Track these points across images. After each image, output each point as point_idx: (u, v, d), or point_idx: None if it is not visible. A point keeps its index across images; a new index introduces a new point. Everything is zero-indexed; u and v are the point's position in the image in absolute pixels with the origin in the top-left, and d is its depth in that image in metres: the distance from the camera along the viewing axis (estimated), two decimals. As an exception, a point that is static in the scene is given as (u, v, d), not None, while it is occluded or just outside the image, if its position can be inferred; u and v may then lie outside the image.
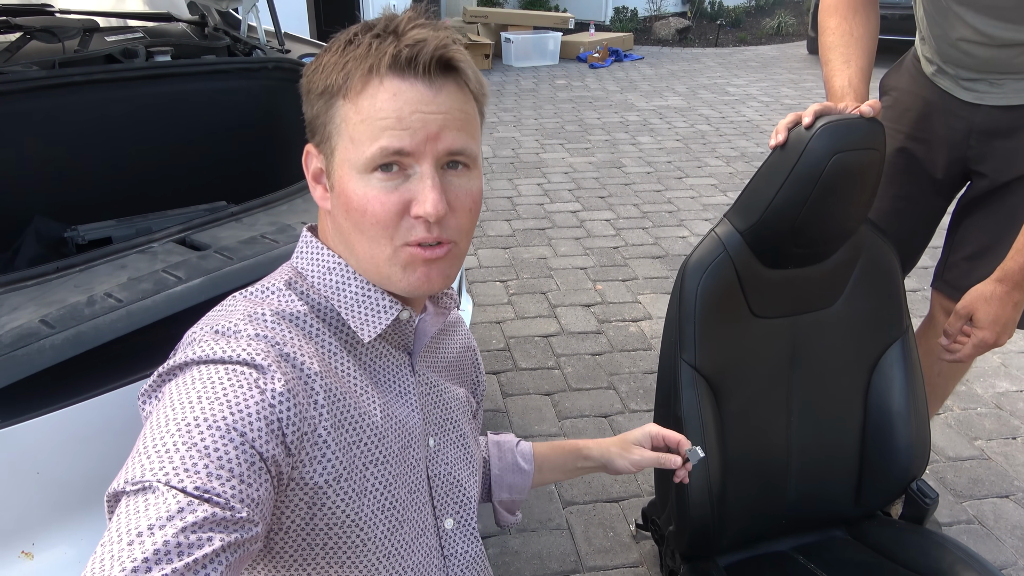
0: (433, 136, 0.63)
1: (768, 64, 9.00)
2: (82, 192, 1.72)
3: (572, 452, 1.07)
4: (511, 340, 2.82)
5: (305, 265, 0.72)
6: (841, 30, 1.36)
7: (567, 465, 1.07)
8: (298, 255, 0.74)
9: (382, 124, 0.62)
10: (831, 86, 1.34)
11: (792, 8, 12.96)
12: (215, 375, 0.58)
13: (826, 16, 1.40)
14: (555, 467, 1.08)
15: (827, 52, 1.37)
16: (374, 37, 0.64)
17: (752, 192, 1.26)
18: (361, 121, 0.63)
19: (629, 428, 2.31)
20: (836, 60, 1.35)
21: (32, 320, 0.98)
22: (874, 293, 1.37)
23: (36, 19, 1.81)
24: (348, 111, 0.64)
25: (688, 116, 6.40)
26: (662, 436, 1.04)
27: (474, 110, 0.68)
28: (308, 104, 0.68)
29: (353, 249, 0.68)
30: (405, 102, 0.62)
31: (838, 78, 1.33)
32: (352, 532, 0.66)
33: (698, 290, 1.27)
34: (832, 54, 1.36)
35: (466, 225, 0.68)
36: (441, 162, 0.65)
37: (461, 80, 0.66)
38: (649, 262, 3.53)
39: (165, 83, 1.83)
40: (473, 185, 0.68)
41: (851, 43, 1.35)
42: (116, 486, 0.51)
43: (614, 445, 1.04)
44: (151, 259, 1.17)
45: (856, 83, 1.31)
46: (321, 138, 0.67)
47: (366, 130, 0.63)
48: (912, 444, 1.37)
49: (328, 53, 0.66)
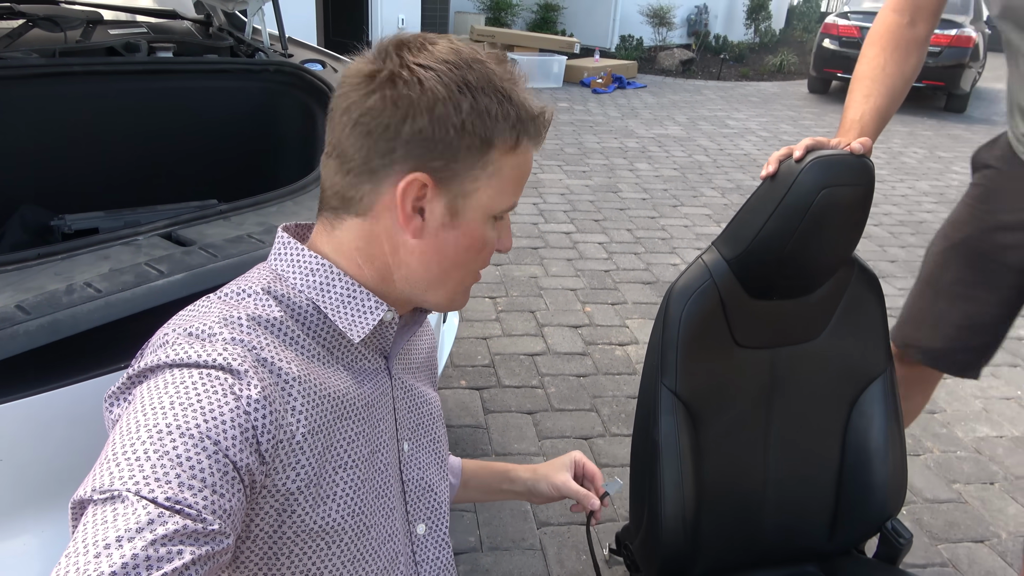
0: None
1: (769, 100, 9.10)
2: (73, 182, 1.71)
3: (500, 473, 1.08)
4: (496, 357, 2.81)
5: (284, 267, 0.70)
6: (875, 63, 1.34)
7: (492, 485, 1.08)
8: (276, 257, 0.72)
9: (523, 182, 0.71)
10: (844, 116, 1.33)
11: (796, 47, 13.15)
12: (189, 380, 0.56)
13: (867, 44, 1.38)
14: (480, 485, 1.08)
15: (854, 81, 1.36)
16: (502, 99, 0.66)
17: (741, 221, 1.26)
18: (513, 176, 0.69)
19: (610, 452, 2.31)
20: (858, 92, 1.33)
21: (8, 305, 0.97)
22: (857, 329, 1.38)
23: (40, 7, 1.81)
24: (504, 163, 0.68)
25: (687, 146, 6.45)
26: (583, 466, 1.06)
27: None
28: (437, 125, 0.64)
29: (416, 274, 0.71)
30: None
31: (853, 110, 1.32)
32: (319, 538, 0.65)
33: (682, 316, 1.27)
34: (857, 84, 1.35)
35: None
36: None
37: None
38: (639, 287, 3.53)
39: (164, 79, 1.83)
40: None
41: (879, 78, 1.33)
42: (83, 493, 0.50)
43: (541, 468, 1.06)
44: (135, 252, 1.16)
45: (867, 120, 1.30)
46: (451, 174, 0.66)
47: (513, 184, 0.70)
48: (888, 483, 1.37)
49: (456, 93, 0.64)
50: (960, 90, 8.82)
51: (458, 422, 2.40)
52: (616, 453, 2.31)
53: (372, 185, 0.66)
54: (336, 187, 0.68)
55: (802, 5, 15.42)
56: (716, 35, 12.48)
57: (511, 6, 11.11)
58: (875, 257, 4.21)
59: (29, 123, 1.63)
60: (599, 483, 1.05)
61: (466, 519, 1.99)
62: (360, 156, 0.65)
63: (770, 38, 13.69)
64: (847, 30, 9.09)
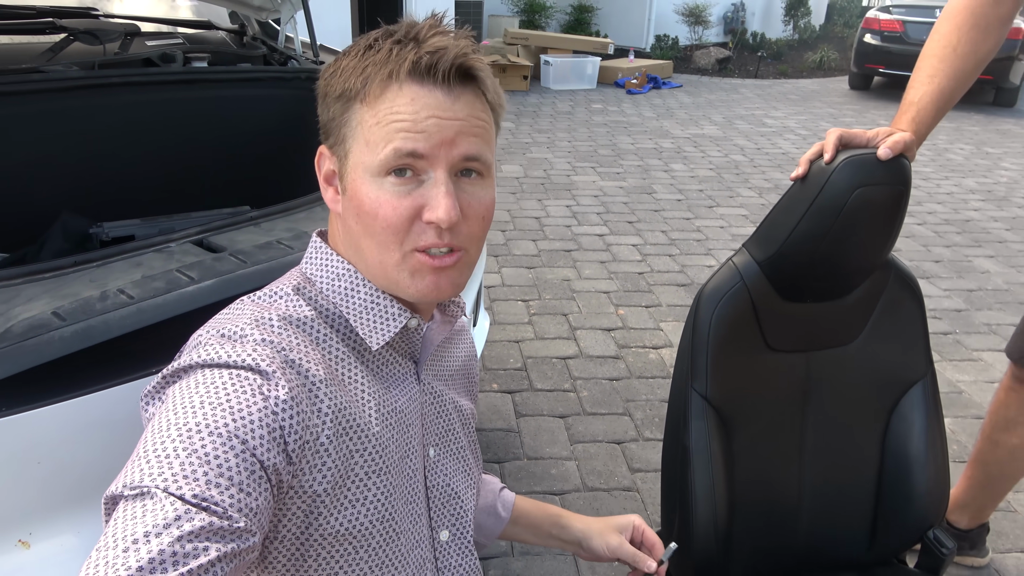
0: (448, 142, 0.63)
1: (808, 97, 8.94)
2: (111, 190, 1.75)
3: (552, 517, 1.02)
4: (528, 360, 2.80)
5: (314, 271, 0.72)
6: (946, 40, 1.26)
7: (542, 528, 1.02)
8: (307, 261, 0.73)
9: (397, 127, 0.62)
10: (905, 96, 1.27)
11: (836, 43, 12.89)
12: (219, 380, 0.57)
13: (942, 19, 1.29)
14: (531, 526, 1.02)
15: (920, 59, 1.28)
16: (395, 43, 0.64)
17: (772, 222, 1.24)
18: (377, 124, 0.63)
19: (643, 456, 2.29)
20: (923, 71, 1.26)
21: (45, 311, 1.00)
22: (896, 333, 1.33)
23: (80, 21, 1.86)
24: (365, 114, 0.64)
25: (723, 146, 6.37)
26: (643, 531, 0.99)
27: (490, 120, 0.68)
28: (324, 107, 0.68)
29: (362, 253, 0.68)
30: (422, 107, 0.62)
31: (913, 91, 1.25)
32: (347, 542, 0.65)
33: (712, 318, 1.25)
34: (923, 63, 1.27)
35: (477, 233, 0.68)
36: (455, 169, 0.65)
37: (479, 89, 0.66)
38: (674, 289, 3.49)
39: (199, 88, 1.86)
40: (486, 194, 0.68)
41: (948, 58, 1.25)
42: (114, 489, 0.51)
43: (596, 524, 0.99)
44: (167, 258, 1.18)
45: (925, 104, 1.23)
46: (335, 140, 0.67)
47: (381, 133, 0.63)
48: (930, 490, 1.32)
49: (347, 57, 0.66)
50: (1010, 84, 8.54)
51: (490, 426, 2.40)
52: (649, 458, 2.28)
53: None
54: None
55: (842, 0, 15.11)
56: (753, 33, 12.30)
57: (544, 8, 11.11)
58: (919, 257, 4.10)
59: (69, 133, 1.68)
60: (658, 553, 0.98)
61: (497, 523, 1.99)
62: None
63: (809, 34, 13.44)
64: (889, 24, 8.87)
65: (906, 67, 7.86)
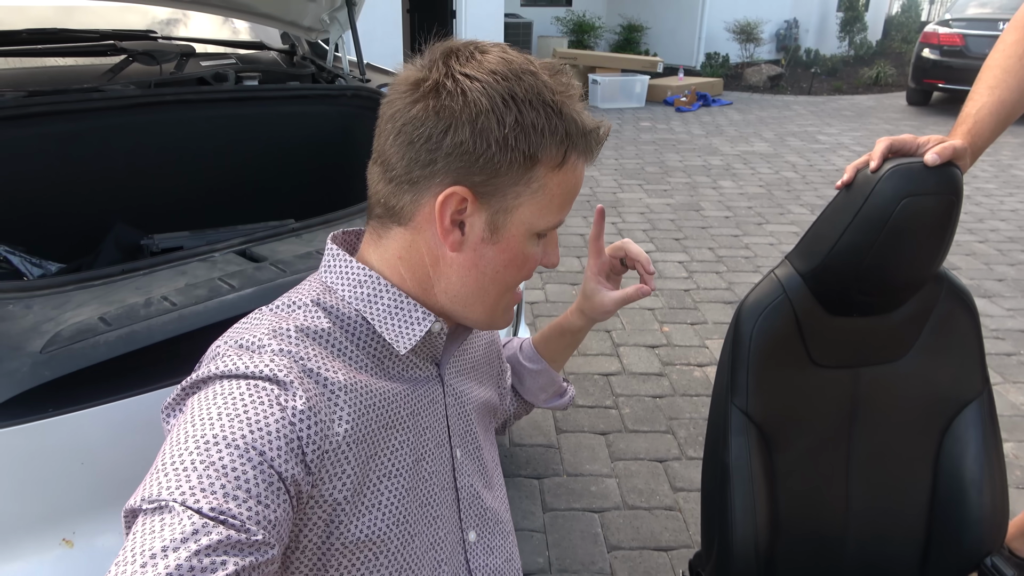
0: None
1: (863, 114, 8.73)
2: (163, 204, 1.82)
3: (556, 330, 1.03)
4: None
5: (334, 279, 0.71)
6: (1012, 51, 1.22)
7: (561, 349, 1.04)
8: (326, 269, 0.73)
9: (570, 198, 0.69)
10: (963, 107, 1.23)
11: (893, 59, 12.58)
12: (236, 391, 0.57)
13: (1009, 29, 1.25)
14: (552, 353, 1.04)
15: (983, 69, 1.24)
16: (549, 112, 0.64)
17: (816, 234, 1.20)
18: (560, 192, 0.67)
19: (686, 475, 2.24)
20: (983, 82, 1.22)
21: (92, 317, 1.03)
22: (948, 350, 1.28)
23: (139, 43, 1.95)
24: (548, 178, 0.66)
25: (774, 163, 6.26)
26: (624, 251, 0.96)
27: None
28: (479, 138, 0.62)
29: (463, 292, 0.71)
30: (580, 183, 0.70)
31: (972, 103, 1.21)
32: (366, 548, 0.65)
33: (753, 332, 1.22)
34: (985, 73, 1.23)
35: None
36: None
37: None
38: (720, 307, 3.43)
39: (250, 105, 1.92)
40: None
41: (1012, 69, 1.21)
42: (133, 503, 0.51)
43: (585, 304, 0.98)
44: (210, 267, 1.21)
45: (984, 116, 1.19)
46: (492, 189, 0.65)
47: (560, 201, 0.68)
48: (987, 515, 1.26)
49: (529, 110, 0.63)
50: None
51: (530, 441, 2.38)
52: (692, 477, 2.23)
53: (413, 195, 0.66)
54: (380, 195, 0.69)
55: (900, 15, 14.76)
56: (807, 49, 12.10)
57: (594, 28, 11.16)
58: (980, 276, 3.94)
59: (126, 148, 1.75)
60: (646, 263, 0.94)
61: (535, 540, 1.97)
62: (402, 165, 0.65)
63: (866, 50, 13.15)
64: (948, 39, 8.62)
65: (966, 82, 7.57)
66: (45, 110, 1.60)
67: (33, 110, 1.58)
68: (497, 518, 0.84)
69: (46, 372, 0.94)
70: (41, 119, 1.60)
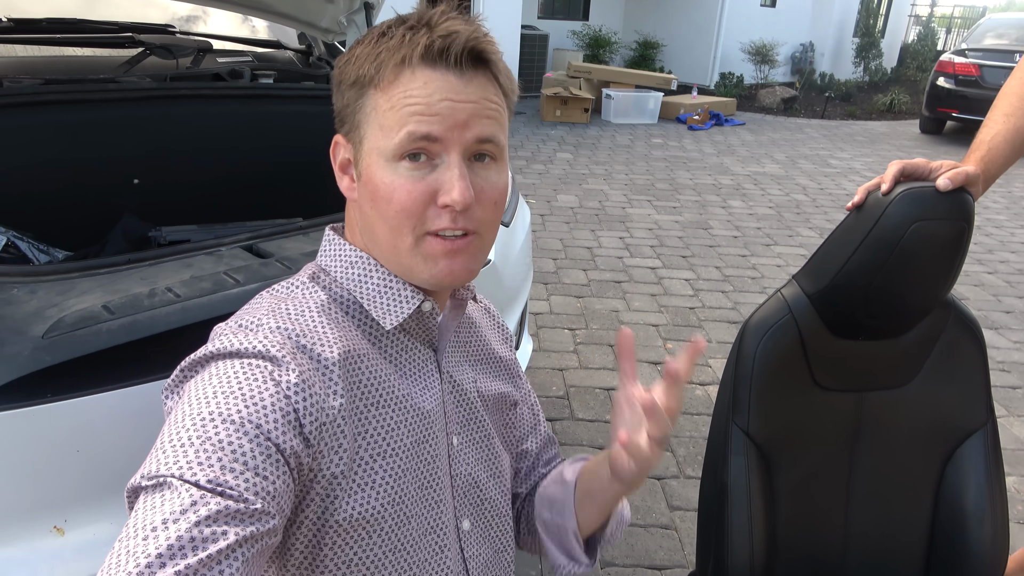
0: (461, 124, 0.64)
1: (876, 140, 8.73)
2: (173, 196, 1.82)
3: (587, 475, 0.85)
4: (571, 389, 2.77)
5: (328, 262, 0.73)
6: None
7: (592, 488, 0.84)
8: (322, 253, 0.75)
9: (411, 111, 0.63)
10: (977, 134, 1.23)
11: (908, 86, 12.59)
12: (231, 369, 0.59)
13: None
14: (584, 493, 0.85)
15: (998, 97, 1.24)
16: (408, 29, 0.65)
17: (825, 254, 1.20)
18: (391, 108, 0.64)
19: (684, 494, 2.22)
20: (999, 109, 1.22)
21: (96, 304, 1.03)
22: (954, 378, 1.27)
23: (157, 37, 1.96)
24: (379, 100, 0.65)
25: (784, 184, 6.25)
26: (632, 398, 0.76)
27: (503, 103, 0.69)
28: (338, 95, 0.69)
29: (376, 239, 0.69)
30: (435, 90, 0.63)
31: (987, 129, 1.21)
32: (359, 527, 0.65)
33: (757, 351, 1.21)
34: (1000, 101, 1.23)
35: (491, 217, 0.68)
36: (469, 152, 0.66)
37: (491, 73, 0.67)
38: (725, 326, 3.42)
39: (263, 103, 1.93)
40: (499, 178, 0.68)
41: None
42: (135, 481, 0.52)
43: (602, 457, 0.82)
44: (216, 261, 1.21)
45: (998, 143, 1.19)
46: (350, 127, 0.68)
47: (395, 117, 0.63)
48: (987, 549, 1.24)
49: (361, 45, 0.68)
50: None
51: (528, 452, 2.37)
52: (690, 496, 2.22)
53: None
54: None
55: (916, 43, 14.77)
56: (822, 73, 12.12)
57: (609, 44, 11.20)
58: (988, 307, 3.92)
59: (138, 140, 1.75)
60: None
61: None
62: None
63: (880, 77, 13.17)
64: (964, 68, 8.62)
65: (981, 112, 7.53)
66: (61, 98, 1.61)
67: (49, 98, 1.59)
68: (497, 510, 0.83)
69: (47, 357, 0.94)
70: (56, 107, 1.61)
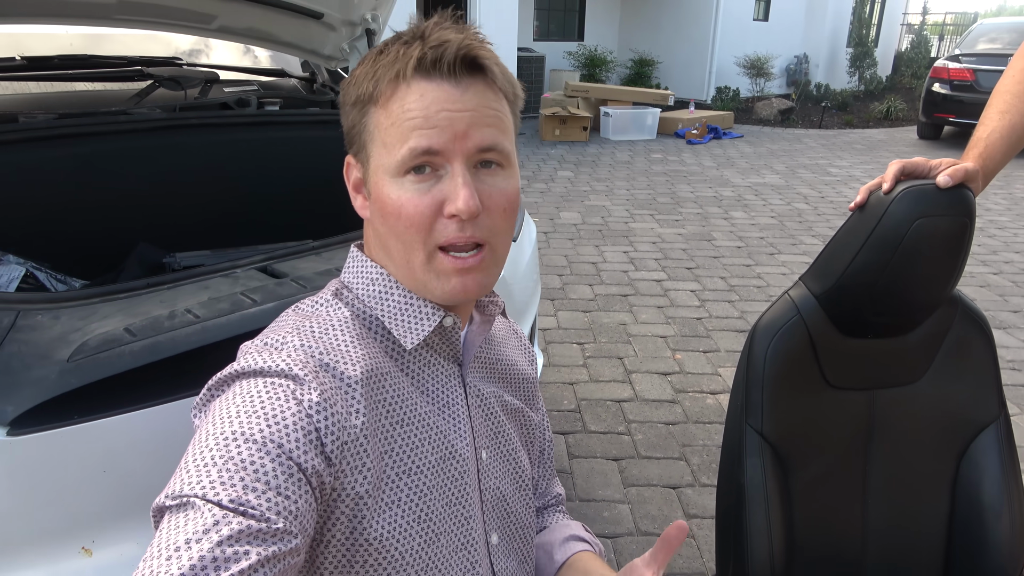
0: (461, 134, 0.63)
1: (874, 147, 8.77)
2: (185, 224, 1.85)
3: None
4: (582, 402, 2.78)
5: (351, 278, 0.74)
6: (1021, 76, 1.23)
7: None
8: (346, 270, 0.76)
9: (411, 124, 0.63)
10: (974, 132, 1.24)
11: (903, 93, 12.66)
12: (254, 388, 0.59)
13: (1018, 56, 1.27)
14: None
15: (993, 95, 1.25)
16: (402, 44, 0.66)
17: (830, 255, 1.21)
18: (391, 124, 0.64)
19: (699, 502, 2.22)
20: (995, 106, 1.23)
21: (117, 328, 1.05)
22: (964, 373, 1.28)
23: (165, 69, 2.00)
24: (380, 117, 0.65)
25: (785, 194, 6.28)
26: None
27: (505, 109, 0.68)
28: (344, 116, 0.70)
29: (391, 256, 0.70)
30: (432, 101, 0.63)
31: (983, 127, 1.22)
32: (390, 546, 0.65)
33: (767, 353, 1.22)
34: (996, 99, 1.24)
35: (501, 225, 0.68)
36: (472, 160, 0.65)
37: (488, 78, 0.66)
38: (733, 335, 3.42)
39: (270, 130, 1.97)
40: (508, 184, 0.68)
41: (1022, 94, 1.22)
42: (159, 501, 0.53)
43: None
44: (232, 282, 1.24)
45: (995, 140, 1.20)
46: (358, 147, 0.69)
47: (396, 133, 0.64)
48: (1006, 541, 1.24)
49: (361, 65, 0.69)
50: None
51: (542, 467, 2.37)
52: (706, 504, 2.21)
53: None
54: None
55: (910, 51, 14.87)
56: (817, 84, 12.21)
57: (605, 63, 11.31)
58: (995, 307, 3.92)
59: (150, 170, 1.79)
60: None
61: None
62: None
63: (876, 85, 13.25)
64: (959, 73, 8.69)
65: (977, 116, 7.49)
66: (74, 131, 1.65)
67: (63, 131, 1.63)
68: (522, 523, 0.84)
69: (73, 380, 0.96)
70: (70, 140, 1.65)
